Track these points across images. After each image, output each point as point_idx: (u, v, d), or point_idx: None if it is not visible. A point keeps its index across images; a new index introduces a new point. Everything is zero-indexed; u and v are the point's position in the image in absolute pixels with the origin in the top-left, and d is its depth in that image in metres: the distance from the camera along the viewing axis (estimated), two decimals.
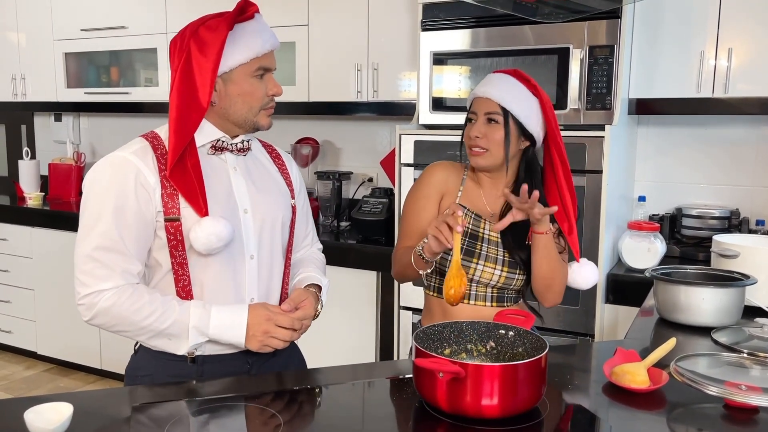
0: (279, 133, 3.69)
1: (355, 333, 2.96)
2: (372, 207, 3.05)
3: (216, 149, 1.42)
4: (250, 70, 1.37)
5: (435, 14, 2.64)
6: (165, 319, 1.34)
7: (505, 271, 1.61)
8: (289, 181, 1.56)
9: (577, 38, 2.40)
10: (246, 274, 1.43)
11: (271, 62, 1.41)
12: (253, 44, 1.36)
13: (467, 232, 1.62)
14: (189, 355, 1.39)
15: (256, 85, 1.38)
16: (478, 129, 1.59)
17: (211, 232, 1.31)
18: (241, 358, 1.43)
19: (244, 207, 1.42)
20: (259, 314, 1.39)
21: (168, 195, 1.34)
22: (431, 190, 1.67)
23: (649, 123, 2.85)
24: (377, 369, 1.52)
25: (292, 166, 1.60)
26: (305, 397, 1.31)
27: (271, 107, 1.43)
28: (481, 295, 1.64)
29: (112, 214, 1.32)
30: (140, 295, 1.34)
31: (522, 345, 1.32)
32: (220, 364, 1.41)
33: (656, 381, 1.30)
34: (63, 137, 4.33)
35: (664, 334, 1.71)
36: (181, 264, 1.37)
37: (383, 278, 2.89)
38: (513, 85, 1.59)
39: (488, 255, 1.61)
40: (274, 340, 1.39)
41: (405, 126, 2.69)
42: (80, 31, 3.78)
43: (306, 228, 1.65)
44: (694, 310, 1.70)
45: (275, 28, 3.22)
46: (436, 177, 1.68)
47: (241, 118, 1.40)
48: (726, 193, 2.76)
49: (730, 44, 2.42)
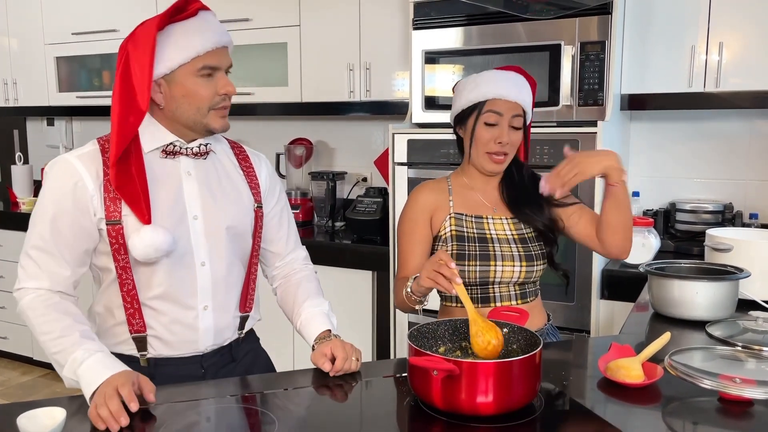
0: (272, 134, 3.69)
1: (351, 333, 2.92)
2: (366, 207, 3.05)
3: (168, 153, 1.38)
4: (194, 69, 1.32)
5: (426, 13, 2.64)
6: (56, 345, 1.28)
7: (524, 265, 1.60)
8: (255, 184, 1.50)
9: (569, 35, 2.40)
10: (198, 282, 1.39)
11: (218, 60, 1.35)
12: (194, 43, 1.31)
13: (474, 237, 1.61)
14: (142, 360, 1.38)
15: (202, 84, 1.33)
16: (508, 134, 1.56)
17: (148, 244, 1.29)
18: (196, 362, 1.42)
19: (194, 213, 1.39)
20: (115, 379, 1.20)
21: (110, 199, 1.32)
22: (417, 214, 1.65)
23: (642, 118, 2.85)
24: (373, 368, 1.51)
25: (261, 169, 1.53)
26: (300, 397, 1.31)
27: (224, 107, 1.37)
28: (505, 295, 1.62)
29: (48, 218, 1.33)
30: (53, 310, 1.31)
31: (516, 342, 1.32)
32: (173, 368, 1.40)
33: (651, 375, 1.31)
34: (56, 142, 4.32)
35: (658, 328, 1.71)
36: (125, 268, 1.35)
37: (379, 278, 2.89)
38: (526, 86, 1.60)
39: (504, 254, 1.59)
40: (103, 410, 1.14)
41: (398, 125, 2.69)
42: (71, 35, 3.76)
43: (279, 232, 1.58)
44: (688, 305, 1.70)
45: (267, 29, 3.29)
46: (420, 200, 1.66)
47: (189, 120, 1.36)
48: (719, 187, 2.76)
49: (721, 38, 2.43)
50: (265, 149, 3.72)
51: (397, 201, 2.70)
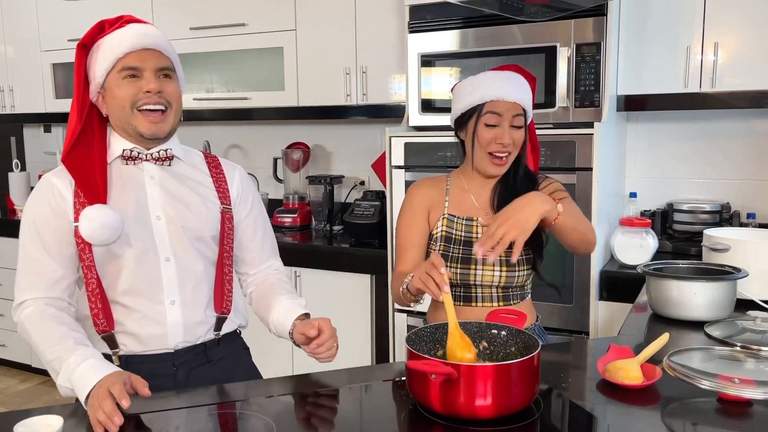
0: (269, 139, 3.69)
1: (350, 337, 2.95)
2: (364, 210, 3.04)
3: (127, 159, 1.45)
4: (116, 72, 1.39)
5: (422, 16, 2.64)
6: (51, 352, 1.31)
7: (505, 270, 1.61)
8: (224, 189, 1.54)
9: (564, 36, 2.40)
10: (163, 276, 1.44)
11: (140, 60, 1.39)
12: (114, 48, 1.38)
13: (461, 240, 1.63)
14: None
15: (124, 86, 1.39)
16: (510, 135, 1.56)
17: (94, 218, 1.33)
18: (167, 360, 1.45)
19: (157, 213, 1.45)
20: (106, 381, 1.22)
21: (80, 203, 1.38)
22: (415, 207, 1.68)
23: (638, 119, 2.85)
24: (372, 372, 1.51)
25: (234, 177, 1.58)
26: (299, 403, 1.31)
27: (145, 105, 1.40)
28: (487, 297, 1.64)
29: (31, 227, 1.41)
30: (49, 320, 1.35)
31: (515, 344, 1.32)
32: (145, 365, 1.42)
33: (650, 376, 1.30)
34: (53, 148, 4.31)
35: (657, 329, 1.71)
36: (90, 267, 1.39)
37: (377, 281, 2.88)
38: (525, 84, 1.60)
39: (484, 258, 1.58)
40: (100, 414, 1.16)
41: (395, 128, 2.69)
42: (67, 41, 3.75)
43: (254, 240, 1.61)
44: (686, 305, 1.70)
45: (263, 33, 3.29)
46: (418, 194, 1.69)
47: (121, 122, 1.42)
48: (716, 187, 2.77)
49: (716, 39, 2.43)
50: (262, 154, 3.77)
51: (395, 204, 2.69)
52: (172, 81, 1.44)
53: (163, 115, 1.42)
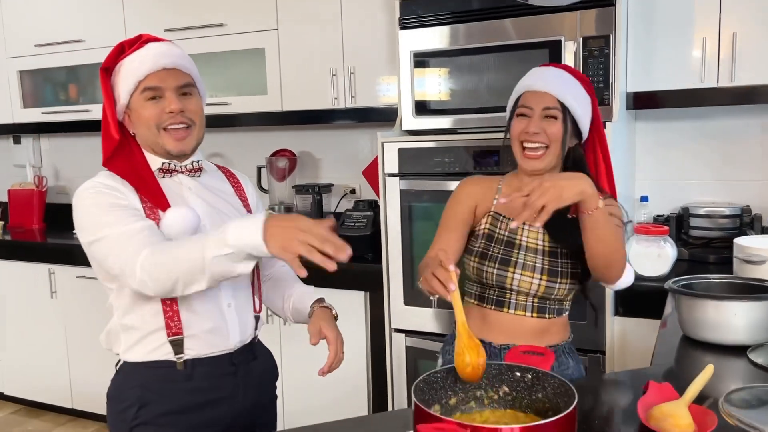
0: (252, 147, 3.49)
1: (344, 358, 2.74)
2: (356, 221, 2.85)
3: (165, 171, 1.49)
4: (138, 93, 1.43)
5: (413, 11, 2.44)
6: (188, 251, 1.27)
7: (545, 279, 1.54)
8: (244, 198, 1.62)
9: (569, 29, 2.21)
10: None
11: (159, 81, 1.43)
12: (135, 69, 1.43)
13: (503, 240, 1.56)
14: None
15: (148, 106, 1.43)
16: (536, 124, 1.52)
17: (180, 220, 1.39)
18: (227, 360, 1.49)
19: (203, 222, 1.48)
20: (277, 217, 1.27)
21: (149, 208, 1.41)
22: (463, 197, 1.64)
23: (648, 117, 2.66)
24: (373, 425, 1.31)
25: (247, 186, 1.67)
26: None
27: (172, 126, 1.44)
28: (521, 304, 1.57)
29: (95, 207, 1.38)
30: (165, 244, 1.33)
31: (542, 390, 1.11)
32: (208, 367, 1.46)
33: (703, 425, 1.10)
34: (23, 161, 4.07)
35: (692, 356, 1.53)
36: None
37: (372, 298, 2.68)
38: (570, 82, 1.55)
39: (525, 263, 1.54)
40: (294, 243, 1.23)
41: (387, 133, 2.50)
42: (34, 46, 3.53)
43: None
44: (725, 328, 1.51)
45: (242, 34, 3.08)
46: (468, 188, 1.66)
47: (149, 142, 1.47)
48: (733, 188, 2.58)
49: (734, 29, 2.25)
50: (244, 162, 3.56)
51: (390, 215, 2.49)
52: (194, 97, 1.49)
53: (187, 132, 1.46)
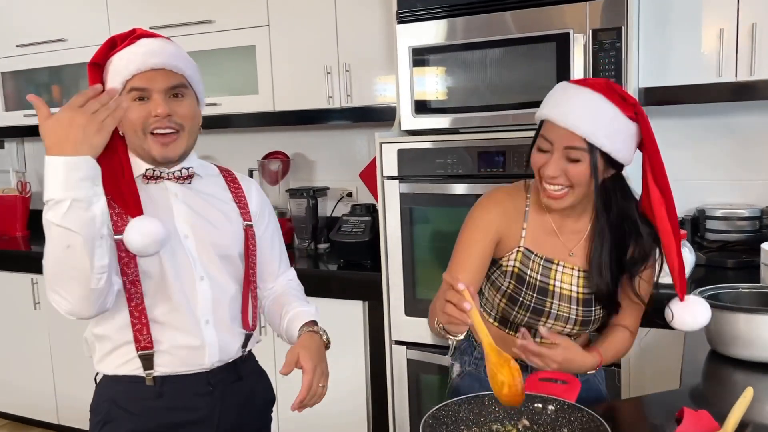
0: (243, 149, 3.35)
1: (340, 374, 2.59)
2: (353, 227, 2.71)
3: (149, 178, 1.42)
4: (126, 93, 1.34)
5: (412, 3, 2.31)
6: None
7: (576, 328, 1.42)
8: (244, 205, 1.53)
9: (578, 21, 2.08)
10: (198, 295, 1.41)
11: (147, 82, 1.34)
12: (122, 68, 1.35)
13: (535, 285, 1.37)
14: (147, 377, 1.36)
15: (134, 108, 1.34)
16: (556, 166, 1.29)
17: (145, 232, 1.27)
18: (203, 379, 1.42)
19: (185, 233, 1.42)
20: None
21: (117, 214, 1.34)
22: (483, 230, 1.41)
23: (660, 114, 2.53)
24: None
25: (251, 191, 1.57)
26: None
27: (157, 130, 1.35)
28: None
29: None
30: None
31: (567, 424, 0.98)
32: (181, 385, 1.40)
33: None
34: (6, 166, 3.93)
35: (723, 374, 1.40)
36: (134, 282, 1.34)
37: (370, 308, 2.54)
38: (603, 110, 1.26)
39: (559, 314, 1.38)
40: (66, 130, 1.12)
41: (385, 134, 2.37)
42: (16, 47, 3.39)
43: (272, 254, 1.60)
44: (759, 344, 1.38)
45: (232, 31, 2.92)
46: (488, 216, 1.42)
47: (135, 145, 1.38)
48: (751, 189, 2.45)
49: (753, 19, 2.11)
50: (235, 165, 3.31)
51: (389, 220, 2.36)
52: (185, 100, 1.40)
53: (174, 137, 1.38)
